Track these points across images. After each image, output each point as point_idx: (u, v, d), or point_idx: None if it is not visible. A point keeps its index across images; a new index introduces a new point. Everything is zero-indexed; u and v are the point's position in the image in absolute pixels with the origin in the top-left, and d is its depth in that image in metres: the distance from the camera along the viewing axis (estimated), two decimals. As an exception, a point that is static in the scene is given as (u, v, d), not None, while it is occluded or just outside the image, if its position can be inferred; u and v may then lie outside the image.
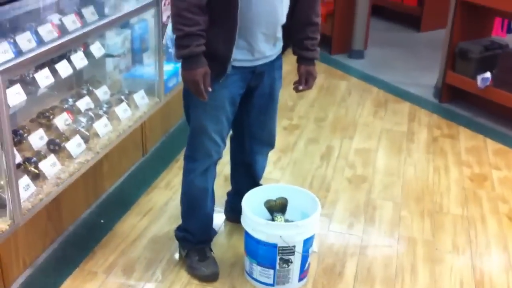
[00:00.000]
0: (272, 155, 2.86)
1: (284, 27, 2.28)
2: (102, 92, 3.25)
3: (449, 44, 4.32)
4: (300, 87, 2.39)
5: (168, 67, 3.60)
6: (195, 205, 2.45)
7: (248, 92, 2.35)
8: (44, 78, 2.67)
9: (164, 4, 3.33)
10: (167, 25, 3.41)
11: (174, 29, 2.08)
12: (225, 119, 2.30)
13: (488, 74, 4.07)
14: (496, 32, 5.44)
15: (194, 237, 2.48)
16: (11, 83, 2.49)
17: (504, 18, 5.02)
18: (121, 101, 3.23)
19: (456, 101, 4.40)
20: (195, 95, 2.14)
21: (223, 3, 2.08)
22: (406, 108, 4.33)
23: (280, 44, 2.34)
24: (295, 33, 2.34)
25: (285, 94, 3.58)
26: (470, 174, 3.42)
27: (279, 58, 2.39)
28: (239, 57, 2.18)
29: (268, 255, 2.31)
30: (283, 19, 2.24)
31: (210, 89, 2.13)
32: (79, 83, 3.38)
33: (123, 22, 3.40)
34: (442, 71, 4.43)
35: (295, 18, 2.30)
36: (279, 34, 2.28)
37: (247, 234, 2.37)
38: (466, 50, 4.23)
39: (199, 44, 2.06)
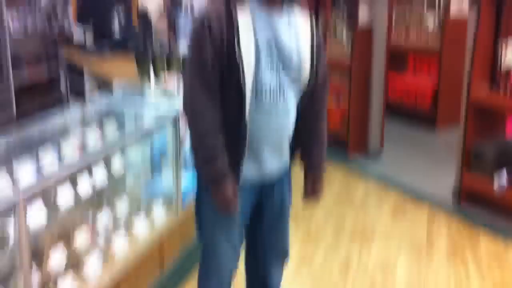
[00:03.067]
0: (289, 267, 2.83)
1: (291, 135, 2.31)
2: (121, 207, 3.30)
3: (463, 146, 4.35)
4: (307, 197, 2.41)
5: (186, 180, 3.66)
6: None
7: (259, 206, 2.37)
8: (65, 196, 2.74)
9: (182, 119, 3.44)
10: (184, 137, 3.51)
11: (197, 156, 2.12)
12: (237, 232, 2.32)
13: (504, 176, 4.07)
14: (512, 131, 5.47)
15: None
16: (34, 200, 2.55)
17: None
18: (140, 216, 3.26)
19: (475, 203, 4.38)
20: (226, 211, 2.15)
21: (232, 125, 2.11)
22: (425, 211, 4.31)
23: (287, 154, 2.33)
24: (301, 141, 2.36)
25: (301, 202, 3.59)
26: (492, 284, 3.34)
27: (287, 172, 2.40)
28: (248, 173, 2.21)
29: None
30: (290, 132, 2.27)
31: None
32: (99, 198, 3.43)
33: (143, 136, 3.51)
34: (458, 174, 4.44)
35: (301, 126, 2.32)
36: (286, 145, 2.29)
37: None
38: (481, 152, 4.26)
39: (223, 164, 2.09)
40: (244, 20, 2.06)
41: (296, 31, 2.19)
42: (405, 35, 6.80)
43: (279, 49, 2.12)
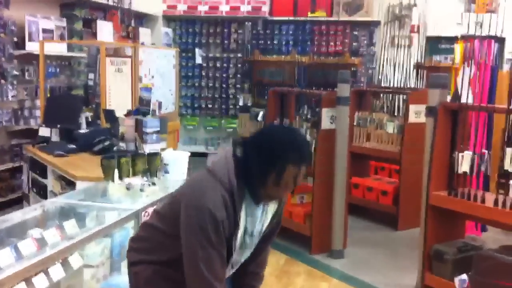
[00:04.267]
0: None
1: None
2: (78, 304, 3.23)
3: (424, 247, 4.43)
4: None
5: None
6: None
7: None
8: (20, 293, 2.68)
9: (144, 215, 3.45)
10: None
11: None
12: None
13: (465, 277, 4.11)
14: (471, 231, 5.60)
15: None
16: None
17: (475, 222, 5.21)
18: (97, 313, 3.19)
19: (437, 303, 4.39)
20: None
21: None
22: (387, 311, 4.29)
23: None
24: (241, 281, 2.57)
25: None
26: None
27: None
28: None
29: None
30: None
31: None
32: (55, 294, 3.36)
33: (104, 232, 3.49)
34: (420, 273, 4.48)
35: (244, 268, 2.54)
36: None
37: None
38: (440, 253, 4.33)
39: None
40: (242, 217, 2.28)
41: (267, 215, 2.43)
42: (367, 138, 7.05)
43: (252, 234, 2.37)
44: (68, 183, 4.55)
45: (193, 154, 4.55)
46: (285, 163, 2.16)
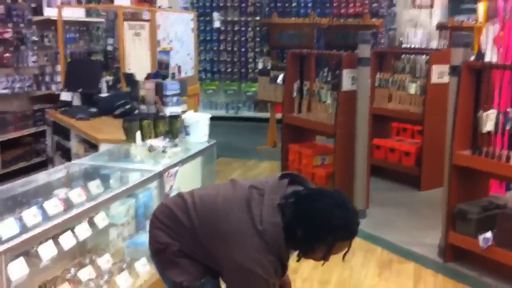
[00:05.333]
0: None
1: None
2: (104, 261, 3.27)
3: (447, 206, 4.40)
4: None
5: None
6: None
7: None
8: (47, 250, 2.72)
9: (167, 176, 3.47)
10: (170, 194, 3.53)
11: None
12: None
13: (489, 234, 4.10)
14: (495, 190, 5.55)
15: None
16: (16, 255, 2.54)
17: (499, 180, 5.15)
18: (123, 269, 3.24)
19: (461, 260, 4.38)
20: None
21: None
22: (411, 269, 4.30)
23: None
24: None
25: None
26: None
27: None
28: None
29: None
30: None
31: None
32: (82, 252, 3.41)
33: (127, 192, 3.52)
34: (444, 232, 4.46)
35: None
36: None
37: None
38: (464, 212, 4.30)
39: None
40: None
41: None
42: (388, 99, 6.97)
43: None
44: (91, 146, 4.58)
45: (213, 118, 4.53)
46: (335, 240, 2.16)
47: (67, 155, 5.09)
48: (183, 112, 4.57)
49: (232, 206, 2.20)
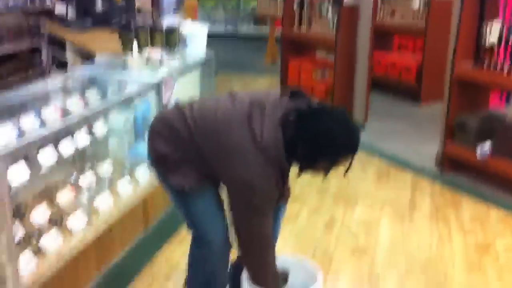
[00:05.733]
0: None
1: None
2: (105, 168, 3.31)
3: (446, 118, 4.40)
4: None
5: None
6: (209, 286, 2.43)
7: None
8: (47, 156, 2.74)
9: (165, 87, 3.45)
10: (167, 105, 3.52)
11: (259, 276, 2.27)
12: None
13: (487, 145, 4.12)
14: (495, 103, 5.53)
15: None
16: (15, 160, 2.55)
17: (499, 94, 5.13)
18: (123, 176, 3.28)
19: (458, 171, 4.43)
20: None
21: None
22: (408, 178, 4.35)
23: None
24: None
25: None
26: (474, 243, 3.39)
27: None
28: None
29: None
30: None
31: None
32: (82, 159, 3.44)
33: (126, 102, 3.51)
34: (442, 143, 4.49)
35: None
36: None
37: (246, 307, 2.34)
38: (464, 123, 4.30)
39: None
40: None
41: None
42: (391, 14, 6.84)
43: None
44: (88, 58, 4.53)
45: (212, 35, 4.45)
46: (337, 158, 2.14)
47: (64, 68, 5.04)
48: (180, 24, 4.49)
49: (232, 121, 2.18)
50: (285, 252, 3.18)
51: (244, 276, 2.35)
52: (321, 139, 2.09)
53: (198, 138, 2.22)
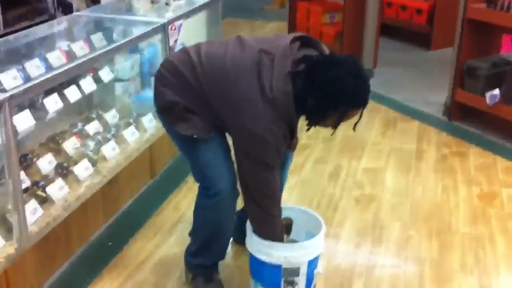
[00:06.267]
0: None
1: None
2: (111, 116, 3.30)
3: (456, 62, 4.32)
4: None
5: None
6: (215, 237, 2.44)
7: None
8: (53, 103, 2.73)
9: (171, 29, 3.38)
10: (174, 48, 3.47)
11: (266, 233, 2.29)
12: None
13: (496, 91, 4.06)
14: (507, 49, 5.42)
15: (208, 266, 2.50)
16: (21, 108, 2.55)
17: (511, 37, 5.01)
18: (129, 124, 3.27)
19: (465, 119, 4.39)
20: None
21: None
22: (415, 127, 4.32)
23: None
24: None
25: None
26: (479, 193, 3.40)
27: None
28: None
29: (273, 276, 2.31)
30: None
31: None
32: (88, 107, 3.43)
33: (132, 47, 3.46)
34: (451, 89, 4.43)
35: None
36: None
37: (251, 256, 2.37)
38: (474, 68, 4.22)
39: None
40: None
41: None
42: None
43: None
44: (93, 1, 4.45)
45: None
46: (347, 109, 2.11)
47: (69, 12, 4.96)
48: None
49: (241, 71, 2.13)
50: (290, 202, 3.20)
51: (249, 225, 2.37)
52: (330, 88, 2.06)
53: (206, 86, 2.19)
